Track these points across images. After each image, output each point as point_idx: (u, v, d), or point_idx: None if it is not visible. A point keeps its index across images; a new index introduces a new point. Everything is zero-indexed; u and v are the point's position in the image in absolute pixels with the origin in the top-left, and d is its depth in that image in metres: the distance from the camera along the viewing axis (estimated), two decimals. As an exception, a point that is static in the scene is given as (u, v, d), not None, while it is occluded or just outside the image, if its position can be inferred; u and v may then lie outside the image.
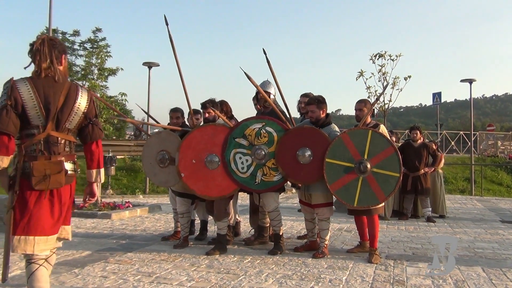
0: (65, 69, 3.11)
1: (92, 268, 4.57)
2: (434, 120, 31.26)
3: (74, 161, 3.10)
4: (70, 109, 2.99)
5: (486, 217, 9.52)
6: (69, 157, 3.04)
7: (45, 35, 3.10)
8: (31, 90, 2.88)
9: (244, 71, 5.37)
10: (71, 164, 3.06)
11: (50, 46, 2.99)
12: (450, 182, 19.49)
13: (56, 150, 2.95)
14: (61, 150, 2.98)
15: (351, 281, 4.22)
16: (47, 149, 2.92)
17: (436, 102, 24.55)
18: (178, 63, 5.58)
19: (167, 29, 5.46)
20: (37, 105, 2.88)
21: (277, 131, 5.26)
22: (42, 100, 2.90)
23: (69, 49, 30.74)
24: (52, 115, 2.93)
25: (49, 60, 2.96)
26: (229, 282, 4.14)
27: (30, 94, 2.87)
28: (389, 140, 5.12)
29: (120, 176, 15.63)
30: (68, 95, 2.98)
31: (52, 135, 2.95)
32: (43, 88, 2.91)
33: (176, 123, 5.94)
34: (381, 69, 13.57)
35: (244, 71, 5.37)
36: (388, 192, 4.99)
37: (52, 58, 2.97)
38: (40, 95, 2.89)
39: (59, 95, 2.95)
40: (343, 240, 6.40)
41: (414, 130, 8.93)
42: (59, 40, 3.17)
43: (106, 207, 8.90)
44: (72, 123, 3.02)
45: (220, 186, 5.34)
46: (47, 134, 2.92)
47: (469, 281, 4.29)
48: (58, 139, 2.97)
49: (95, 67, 11.64)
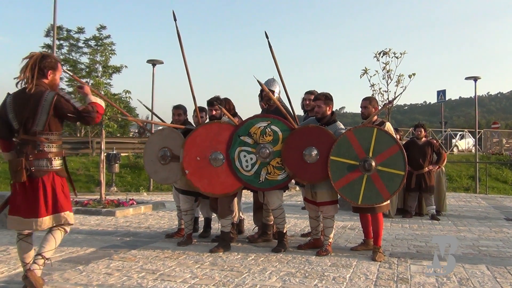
0: (51, 82, 3.69)
1: (96, 265, 4.59)
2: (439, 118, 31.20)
3: (47, 158, 3.60)
4: (35, 114, 3.52)
5: (490, 215, 9.48)
6: (40, 155, 3.58)
7: (37, 53, 3.68)
8: (11, 103, 3.59)
9: (256, 79, 5.39)
10: (43, 161, 3.59)
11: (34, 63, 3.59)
12: (454, 180, 19.42)
13: (25, 151, 3.55)
14: (28, 150, 3.55)
15: (354, 279, 4.22)
16: (18, 150, 3.57)
17: (441, 99, 24.51)
18: (185, 59, 5.56)
19: (175, 25, 5.44)
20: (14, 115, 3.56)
21: (282, 130, 5.25)
22: (16, 110, 3.56)
23: (74, 47, 30.91)
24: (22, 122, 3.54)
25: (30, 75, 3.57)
26: (233, 279, 4.14)
27: (10, 106, 3.58)
28: (395, 138, 5.10)
29: (124, 173, 15.68)
30: (33, 103, 3.52)
31: (23, 138, 3.56)
32: (19, 99, 3.57)
33: (178, 120, 5.93)
34: (385, 67, 13.50)
35: (256, 79, 5.39)
36: (393, 190, 4.98)
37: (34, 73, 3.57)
38: (14, 106, 3.57)
39: (27, 105, 3.52)
40: (347, 238, 6.39)
41: (419, 128, 8.90)
42: (50, 57, 3.73)
43: (110, 204, 8.92)
44: (39, 124, 3.54)
45: (224, 183, 5.34)
46: (20, 138, 3.58)
47: (473, 279, 4.28)
48: (27, 141, 3.55)
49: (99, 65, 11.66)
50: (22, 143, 3.57)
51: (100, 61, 11.25)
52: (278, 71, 5.49)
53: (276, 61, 5.46)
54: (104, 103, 4.00)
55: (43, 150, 3.59)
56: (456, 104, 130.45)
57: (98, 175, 10.93)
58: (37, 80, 3.59)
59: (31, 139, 3.56)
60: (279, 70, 5.50)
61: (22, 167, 3.49)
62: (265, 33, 5.46)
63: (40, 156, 3.57)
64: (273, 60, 5.47)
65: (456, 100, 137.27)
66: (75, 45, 31.03)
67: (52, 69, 3.68)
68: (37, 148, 3.57)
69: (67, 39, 30.62)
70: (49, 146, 3.62)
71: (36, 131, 3.56)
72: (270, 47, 5.45)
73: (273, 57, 5.47)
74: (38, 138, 3.58)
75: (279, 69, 5.50)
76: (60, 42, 29.73)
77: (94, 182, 14.51)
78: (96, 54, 13.18)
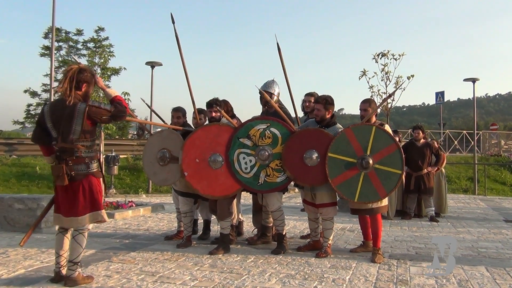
0: (84, 94, 3.99)
1: (95, 267, 4.58)
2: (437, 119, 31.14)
3: (85, 163, 3.94)
4: (70, 124, 3.84)
5: (489, 216, 9.50)
6: (79, 161, 3.92)
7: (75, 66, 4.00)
8: (48, 112, 3.94)
9: (259, 89, 5.42)
10: (81, 165, 3.93)
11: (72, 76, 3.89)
12: (453, 181, 19.44)
13: (64, 157, 3.88)
14: (68, 157, 3.89)
15: (354, 281, 4.22)
16: (59, 156, 3.91)
17: (439, 101, 24.47)
18: (184, 61, 5.57)
19: (174, 27, 5.46)
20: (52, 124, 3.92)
21: (281, 132, 5.26)
22: (54, 120, 3.90)
23: (73, 49, 30.89)
24: (60, 131, 3.88)
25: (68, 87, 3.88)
26: (232, 281, 4.14)
27: (48, 116, 3.93)
28: (392, 137, 5.11)
29: (123, 175, 15.66)
30: (68, 115, 3.84)
31: (62, 146, 3.88)
32: (56, 110, 3.92)
33: (177, 122, 5.93)
34: (384, 68, 13.54)
35: (259, 89, 5.42)
36: (390, 189, 4.99)
37: (72, 86, 3.89)
38: (52, 116, 3.92)
39: (63, 116, 3.85)
40: (346, 239, 6.40)
41: (417, 130, 8.91)
42: (87, 71, 4.03)
43: (109, 206, 8.90)
44: (75, 133, 3.85)
45: (223, 185, 5.34)
46: (59, 145, 3.89)
47: (472, 280, 4.29)
48: (66, 148, 3.88)
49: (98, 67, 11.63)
50: (61, 150, 3.91)
51: (99, 63, 11.25)
52: (284, 73, 5.51)
53: (284, 64, 5.49)
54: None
55: (80, 156, 3.94)
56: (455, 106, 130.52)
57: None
58: (74, 92, 3.91)
59: (69, 146, 3.89)
60: (286, 72, 5.52)
61: (64, 172, 3.85)
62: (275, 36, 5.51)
63: (78, 161, 3.93)
64: (281, 63, 5.50)
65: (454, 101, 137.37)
66: (74, 47, 31.00)
67: (87, 82, 4.00)
68: (75, 154, 3.91)
69: (66, 41, 30.60)
70: (86, 152, 3.97)
71: (73, 139, 3.89)
72: (279, 50, 5.47)
73: (281, 60, 5.48)
74: (76, 146, 3.91)
75: (286, 72, 5.52)
76: (58, 44, 29.69)
77: (93, 184, 14.47)
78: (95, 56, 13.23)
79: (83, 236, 4.00)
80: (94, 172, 4.02)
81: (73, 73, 3.92)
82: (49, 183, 14.33)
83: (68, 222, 3.97)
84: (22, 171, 15.19)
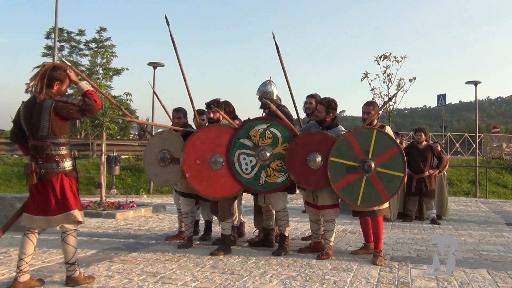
0: (57, 92, 3.92)
1: (97, 268, 4.58)
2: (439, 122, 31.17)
3: (55, 161, 3.83)
4: (39, 121, 3.77)
5: (490, 219, 9.48)
6: (48, 158, 3.81)
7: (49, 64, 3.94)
8: (22, 111, 3.88)
9: (266, 101, 5.40)
10: (51, 163, 3.82)
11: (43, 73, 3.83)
12: (454, 184, 19.41)
13: (35, 155, 3.83)
14: (38, 155, 3.81)
15: (355, 283, 4.21)
16: (31, 155, 3.88)
17: (441, 103, 24.48)
18: (181, 63, 5.61)
19: (169, 29, 5.50)
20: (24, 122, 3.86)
21: (281, 132, 5.25)
22: (26, 118, 3.85)
23: (75, 49, 30.95)
24: (30, 129, 3.84)
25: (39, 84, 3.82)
26: (234, 282, 4.14)
27: (22, 114, 3.88)
28: (394, 140, 5.11)
29: (124, 176, 15.67)
30: (37, 111, 3.78)
31: (33, 143, 3.85)
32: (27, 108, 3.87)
33: (177, 123, 5.93)
34: (386, 71, 13.49)
35: (266, 101, 5.40)
36: (392, 192, 4.98)
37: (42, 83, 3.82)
38: (25, 114, 3.87)
39: (33, 113, 3.80)
40: (348, 241, 6.39)
41: (419, 132, 8.89)
42: (60, 69, 3.95)
43: (111, 206, 8.92)
44: (44, 130, 3.78)
45: (224, 186, 5.34)
46: (31, 143, 3.87)
47: (474, 283, 4.28)
48: (36, 146, 3.83)
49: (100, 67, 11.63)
50: (32, 148, 3.86)
51: (101, 63, 11.24)
52: (284, 72, 5.52)
53: (283, 63, 5.51)
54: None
55: (50, 153, 3.83)
56: (456, 108, 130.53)
57: (99, 177, 10.93)
58: (46, 90, 3.84)
59: (39, 144, 3.82)
60: (285, 71, 5.53)
61: (32, 170, 3.77)
62: (272, 34, 5.50)
63: (48, 159, 3.82)
64: (280, 62, 5.51)
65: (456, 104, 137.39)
66: (76, 47, 31.08)
67: (59, 80, 3.93)
68: (44, 152, 3.82)
69: (68, 41, 30.67)
70: (56, 149, 3.85)
71: (42, 136, 3.81)
72: (277, 48, 5.48)
73: (280, 59, 5.50)
74: (45, 143, 3.82)
75: (285, 71, 5.53)
76: (61, 44, 29.76)
77: (94, 184, 14.51)
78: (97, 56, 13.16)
79: (72, 237, 3.91)
80: (66, 171, 3.89)
81: (45, 70, 3.85)
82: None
83: (40, 222, 3.86)
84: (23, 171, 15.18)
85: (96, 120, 9.83)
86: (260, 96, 5.65)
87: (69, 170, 3.92)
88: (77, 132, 28.59)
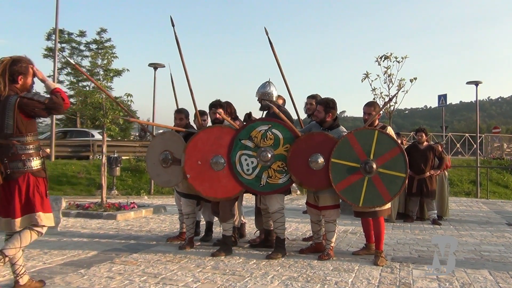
0: (22, 86, 3.75)
1: (98, 269, 4.58)
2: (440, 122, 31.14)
3: (21, 160, 3.66)
4: (3, 118, 3.62)
5: (492, 219, 9.47)
6: (14, 157, 3.65)
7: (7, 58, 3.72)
8: None
9: (268, 102, 5.40)
10: (17, 162, 3.65)
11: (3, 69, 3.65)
12: (455, 184, 19.40)
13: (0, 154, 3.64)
14: (3, 154, 3.64)
15: (357, 284, 4.21)
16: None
17: (442, 104, 24.46)
18: (184, 64, 5.61)
19: (173, 30, 5.49)
20: None
21: (283, 133, 5.25)
22: None
23: (75, 50, 30.99)
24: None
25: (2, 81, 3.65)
26: (235, 283, 4.13)
27: None
28: (395, 140, 5.10)
29: (125, 177, 15.66)
30: (1, 108, 3.62)
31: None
32: None
33: (179, 124, 5.92)
34: (387, 71, 13.49)
35: (268, 102, 5.40)
36: (394, 193, 4.98)
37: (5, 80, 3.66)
38: None
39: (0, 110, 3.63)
40: (349, 242, 6.38)
41: (420, 133, 8.88)
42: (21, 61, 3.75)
43: (112, 207, 8.91)
44: (8, 128, 3.63)
45: (225, 187, 5.33)
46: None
47: (475, 284, 4.27)
48: (1, 145, 3.65)
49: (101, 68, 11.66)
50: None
51: (102, 64, 11.27)
52: (280, 70, 5.53)
53: (278, 59, 5.50)
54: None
55: (15, 152, 3.67)
56: (457, 109, 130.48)
57: (99, 178, 10.92)
58: (9, 86, 3.68)
59: (4, 142, 3.66)
60: (281, 68, 5.54)
61: None
62: (265, 29, 5.50)
63: (13, 158, 3.66)
64: (275, 58, 5.51)
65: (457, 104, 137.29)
66: (77, 48, 31.13)
67: (22, 74, 3.75)
68: (10, 151, 3.66)
69: (69, 42, 30.71)
70: (22, 148, 3.69)
71: (7, 135, 3.66)
72: (271, 44, 5.49)
73: (275, 55, 5.50)
74: (10, 141, 3.66)
75: (281, 67, 5.54)
76: (61, 45, 29.81)
77: (95, 185, 14.51)
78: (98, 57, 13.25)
79: (30, 234, 3.68)
80: (33, 171, 3.72)
81: (4, 66, 3.67)
82: (52, 184, 14.34)
83: (6, 224, 3.69)
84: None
85: (97, 121, 9.85)
86: (259, 97, 5.66)
87: (37, 170, 3.76)
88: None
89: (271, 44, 5.55)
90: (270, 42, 5.54)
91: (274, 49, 5.57)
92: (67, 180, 14.92)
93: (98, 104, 10.14)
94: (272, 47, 5.57)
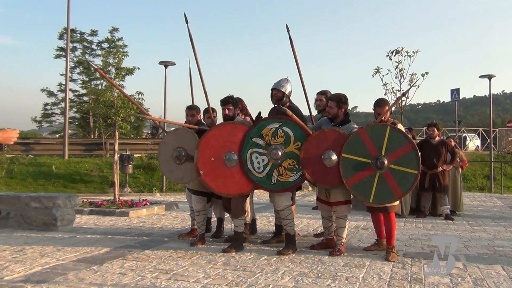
0: None
1: (110, 265, 4.63)
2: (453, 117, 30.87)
3: None
4: None
5: (506, 214, 9.37)
6: None
7: None
8: None
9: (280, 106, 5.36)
10: None
11: None
12: (469, 179, 19.18)
13: None
14: None
15: (368, 279, 4.20)
16: None
17: (455, 98, 24.25)
18: (198, 60, 5.62)
19: (187, 27, 5.51)
20: None
21: (294, 131, 5.23)
22: None
23: (87, 49, 31.24)
24: None
25: None
26: (246, 279, 4.15)
27: None
28: (408, 136, 5.07)
29: (137, 174, 15.76)
30: None
31: None
32: None
33: (191, 120, 5.94)
34: (398, 66, 13.39)
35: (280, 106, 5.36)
36: (406, 189, 4.95)
37: None
38: None
39: None
40: (360, 238, 6.37)
41: (431, 127, 8.81)
42: None
43: (124, 205, 8.99)
44: None
45: (238, 183, 5.34)
46: None
47: (488, 279, 4.24)
48: None
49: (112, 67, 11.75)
50: None
51: (113, 63, 11.35)
52: (297, 66, 5.52)
53: (296, 56, 5.49)
54: None
55: None
56: (471, 103, 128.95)
57: (112, 176, 11.00)
58: None
59: None
60: (299, 65, 5.53)
61: None
62: (286, 26, 5.48)
63: None
64: (293, 55, 5.50)
65: (470, 98, 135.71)
66: (89, 47, 31.36)
67: None
68: None
69: (81, 42, 30.95)
70: None
71: None
72: (291, 41, 5.47)
73: (293, 52, 5.48)
74: None
75: (299, 64, 5.53)
76: (73, 45, 30.04)
77: (108, 183, 14.62)
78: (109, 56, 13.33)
79: None
80: None
81: None
82: (65, 182, 14.51)
83: None
84: (38, 170, 15.38)
85: (108, 119, 9.93)
86: (274, 91, 5.62)
87: None
88: (90, 131, 28.87)
89: (291, 41, 5.52)
90: (290, 39, 5.51)
91: (293, 46, 5.55)
92: (81, 178, 15.08)
93: (110, 103, 10.22)
94: (291, 44, 5.55)
